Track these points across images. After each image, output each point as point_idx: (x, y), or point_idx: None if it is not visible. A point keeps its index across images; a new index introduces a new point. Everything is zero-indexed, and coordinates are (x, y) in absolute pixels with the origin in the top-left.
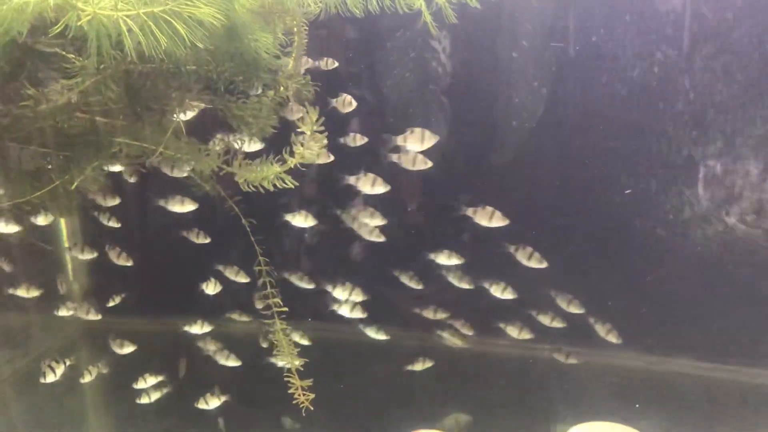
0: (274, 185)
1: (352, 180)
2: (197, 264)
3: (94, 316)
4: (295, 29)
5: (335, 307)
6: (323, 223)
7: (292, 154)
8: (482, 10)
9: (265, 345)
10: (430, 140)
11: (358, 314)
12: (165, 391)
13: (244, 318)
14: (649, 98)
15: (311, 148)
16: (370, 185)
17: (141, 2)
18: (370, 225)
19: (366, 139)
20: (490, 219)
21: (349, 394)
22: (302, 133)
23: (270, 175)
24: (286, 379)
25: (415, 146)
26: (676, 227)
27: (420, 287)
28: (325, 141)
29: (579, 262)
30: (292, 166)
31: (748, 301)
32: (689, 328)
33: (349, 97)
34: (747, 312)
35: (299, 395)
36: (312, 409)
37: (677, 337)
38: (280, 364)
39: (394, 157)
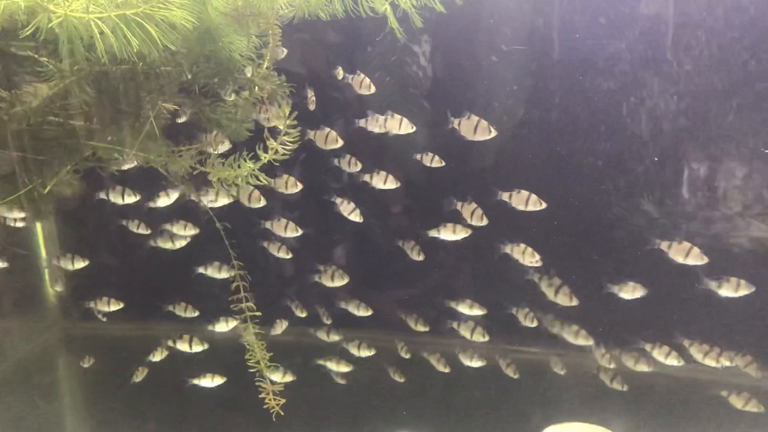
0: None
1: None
2: (176, 269)
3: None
4: (270, 32)
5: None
6: None
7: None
8: (461, 15)
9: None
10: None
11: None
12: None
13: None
14: (626, 100)
15: (285, 143)
16: (383, 183)
17: (113, 4)
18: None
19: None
20: (526, 203)
21: None
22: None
23: (243, 172)
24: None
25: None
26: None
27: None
28: (298, 136)
29: (560, 262)
30: (266, 162)
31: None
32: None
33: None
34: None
35: (270, 400)
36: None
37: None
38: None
39: (455, 123)
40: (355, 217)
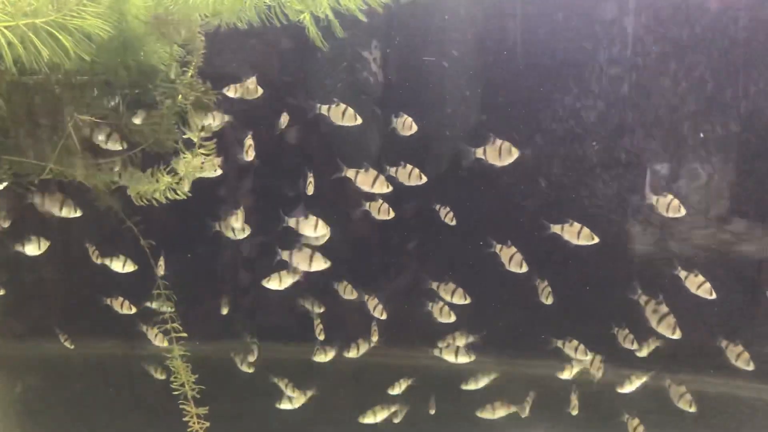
0: None
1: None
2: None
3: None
4: (193, 39)
5: None
6: None
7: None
8: (412, 20)
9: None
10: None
11: None
12: None
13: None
14: (580, 103)
15: (199, 157)
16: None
17: (21, 13)
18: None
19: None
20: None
21: None
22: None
23: (161, 186)
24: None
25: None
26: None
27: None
28: (213, 149)
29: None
30: (182, 175)
31: None
32: None
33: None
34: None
35: (194, 423)
36: None
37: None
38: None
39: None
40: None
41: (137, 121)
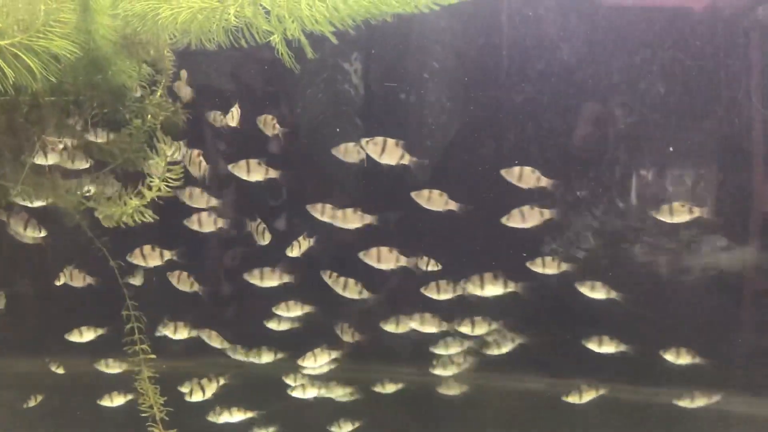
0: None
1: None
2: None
3: None
4: (162, 59)
5: None
6: None
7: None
8: (392, 33)
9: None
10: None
11: None
12: None
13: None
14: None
15: (167, 180)
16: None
17: None
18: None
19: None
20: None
21: None
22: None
23: (129, 209)
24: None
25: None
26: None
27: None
28: (181, 172)
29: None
30: (149, 199)
31: None
32: None
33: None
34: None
35: None
36: None
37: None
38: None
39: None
40: None
41: (105, 140)
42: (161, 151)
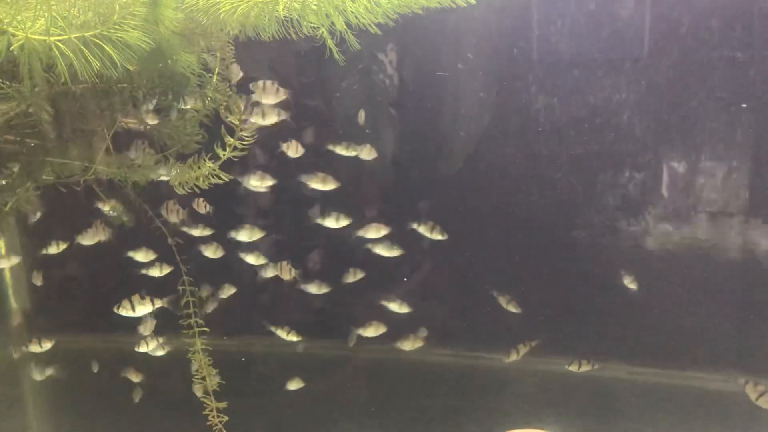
0: None
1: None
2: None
3: None
4: (218, 48)
5: None
6: None
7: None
8: (427, 23)
9: None
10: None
11: None
12: None
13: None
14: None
15: (241, 137)
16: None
17: (72, 26)
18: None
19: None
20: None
21: None
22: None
23: (204, 172)
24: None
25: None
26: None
27: None
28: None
29: (523, 267)
30: (224, 158)
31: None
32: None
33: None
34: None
35: (212, 417)
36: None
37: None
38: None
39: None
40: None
41: (167, 124)
42: (235, 109)
